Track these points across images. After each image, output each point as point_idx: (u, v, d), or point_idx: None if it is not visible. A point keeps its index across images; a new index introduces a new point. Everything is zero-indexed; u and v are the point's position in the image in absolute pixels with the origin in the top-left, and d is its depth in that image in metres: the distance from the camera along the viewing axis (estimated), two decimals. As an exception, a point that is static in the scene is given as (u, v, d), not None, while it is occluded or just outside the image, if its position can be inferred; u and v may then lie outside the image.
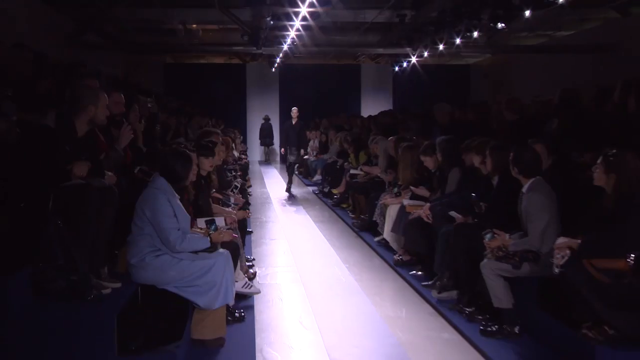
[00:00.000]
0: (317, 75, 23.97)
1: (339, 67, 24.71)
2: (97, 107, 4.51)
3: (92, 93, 4.51)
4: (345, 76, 24.41)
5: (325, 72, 24.15)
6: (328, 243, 8.52)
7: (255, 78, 24.36)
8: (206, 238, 4.51)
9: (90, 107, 4.47)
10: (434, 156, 6.74)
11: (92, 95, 4.50)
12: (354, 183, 10.11)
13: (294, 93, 23.53)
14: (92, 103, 4.48)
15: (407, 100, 21.64)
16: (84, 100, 4.46)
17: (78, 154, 4.30)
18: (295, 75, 23.85)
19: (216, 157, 6.07)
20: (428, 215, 6.20)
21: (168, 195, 4.33)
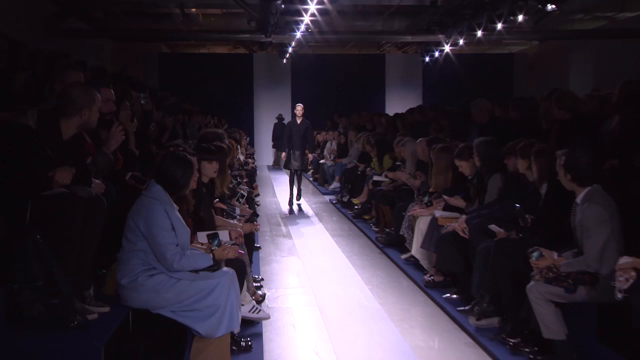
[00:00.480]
0: (335, 67, 24.06)
1: (360, 58, 24.78)
2: (91, 111, 4.53)
3: (88, 95, 4.52)
4: (368, 68, 24.45)
5: (344, 63, 24.23)
6: (348, 261, 8.50)
7: (264, 71, 24.48)
8: (208, 255, 4.51)
9: (84, 112, 4.49)
10: (471, 160, 6.71)
11: (88, 98, 4.51)
12: (378, 191, 10.08)
13: (309, 88, 23.63)
14: (87, 107, 4.50)
15: (439, 95, 21.60)
16: (79, 103, 4.47)
17: (62, 159, 4.32)
18: (309, 68, 23.95)
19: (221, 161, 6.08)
20: (464, 229, 6.16)
21: (165, 206, 4.34)
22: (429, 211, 7.33)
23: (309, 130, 13.39)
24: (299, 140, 13.22)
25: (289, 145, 13.34)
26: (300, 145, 13.24)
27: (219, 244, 4.69)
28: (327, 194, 15.48)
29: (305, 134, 13.28)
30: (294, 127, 13.34)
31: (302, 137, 13.24)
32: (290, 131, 13.34)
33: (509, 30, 14.11)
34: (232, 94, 23.63)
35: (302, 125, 13.31)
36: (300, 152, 13.29)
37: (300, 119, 13.35)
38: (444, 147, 7.45)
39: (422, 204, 7.64)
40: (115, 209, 4.67)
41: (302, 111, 13.34)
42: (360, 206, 11.58)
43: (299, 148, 13.25)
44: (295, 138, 13.23)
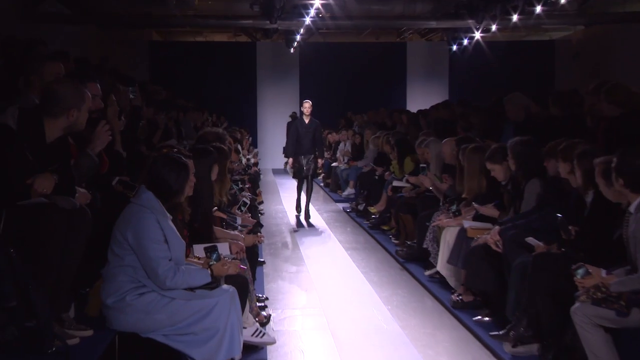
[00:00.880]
0: (349, 57, 24.08)
1: (377, 47, 24.81)
2: (80, 111, 4.53)
3: (77, 94, 4.53)
4: (387, 59, 24.49)
5: (359, 53, 24.27)
6: (364, 277, 8.48)
7: (269, 62, 24.55)
8: (206, 270, 4.52)
9: (72, 112, 4.50)
10: (505, 164, 6.68)
11: (77, 97, 4.52)
12: (398, 198, 10.07)
13: (319, 81, 23.70)
14: (76, 107, 4.50)
15: (468, 89, 21.61)
16: (66, 102, 4.47)
17: (43, 165, 4.31)
18: (320, 58, 24.00)
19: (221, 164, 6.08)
20: (497, 242, 6.13)
21: (157, 215, 4.34)
22: (457, 221, 7.30)
23: (318, 132, 12.96)
24: (308, 142, 12.80)
25: (296, 150, 12.91)
26: (309, 148, 12.82)
27: (217, 258, 4.69)
28: (340, 201, 15.47)
29: (314, 135, 12.85)
30: (301, 127, 12.88)
31: (311, 139, 12.82)
32: (297, 133, 12.87)
33: (549, 13, 14.07)
34: (232, 88, 23.70)
35: (311, 125, 12.86)
36: (310, 156, 12.86)
37: (308, 118, 12.89)
38: (477, 148, 7.42)
39: (448, 212, 7.61)
40: (100, 219, 4.67)
41: (311, 109, 12.91)
42: (378, 215, 11.56)
43: (308, 152, 12.82)
44: (304, 140, 12.79)
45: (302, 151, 12.79)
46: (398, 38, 24.88)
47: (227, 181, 6.67)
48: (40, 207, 4.21)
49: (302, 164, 12.79)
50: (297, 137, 12.84)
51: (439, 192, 8.65)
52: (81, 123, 4.60)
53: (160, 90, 13.76)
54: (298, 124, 13.02)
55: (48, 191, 4.26)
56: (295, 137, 12.90)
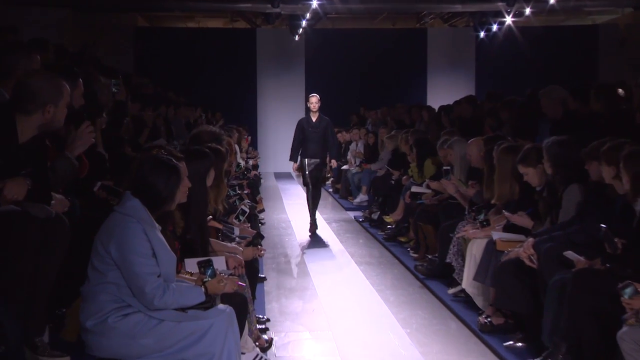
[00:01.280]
0: (361, 46, 24.10)
1: (394, 34, 24.82)
2: (57, 107, 4.53)
3: (53, 87, 4.53)
4: (404, 47, 24.49)
5: (373, 41, 24.28)
6: (379, 296, 8.47)
7: (270, 51, 24.59)
8: (199, 288, 4.51)
9: (48, 108, 4.50)
10: (540, 167, 6.66)
11: (53, 90, 4.52)
12: (417, 206, 10.05)
13: (328, 73, 23.71)
14: (52, 102, 4.51)
15: (498, 81, 21.59)
16: (41, 97, 4.48)
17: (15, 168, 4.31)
18: (329, 47, 24.01)
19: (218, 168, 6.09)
20: (531, 256, 6.11)
21: (144, 225, 4.33)
22: (485, 232, 7.28)
23: (329, 130, 12.65)
24: (316, 144, 12.53)
25: (301, 152, 12.67)
26: (317, 150, 12.53)
27: (212, 274, 4.68)
28: (351, 209, 15.47)
29: (324, 134, 12.56)
30: (307, 126, 12.63)
31: (319, 140, 12.53)
32: (303, 132, 12.64)
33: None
34: (229, 82, 23.72)
35: (319, 124, 12.59)
36: (319, 160, 12.55)
37: (316, 115, 12.63)
38: (509, 148, 7.39)
39: (475, 222, 7.60)
40: (80, 229, 4.67)
41: (319, 104, 12.63)
42: (395, 225, 11.55)
43: (316, 155, 12.54)
44: (311, 141, 12.55)
45: (307, 154, 12.56)
46: (417, 23, 24.87)
47: (223, 187, 6.67)
48: (11, 215, 4.21)
49: (304, 168, 12.63)
50: (303, 137, 12.61)
51: (464, 199, 8.64)
52: (59, 120, 4.60)
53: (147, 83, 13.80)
54: (304, 123, 12.74)
55: (20, 198, 4.26)
56: (300, 137, 12.66)
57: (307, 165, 12.57)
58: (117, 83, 7.85)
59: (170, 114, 12.34)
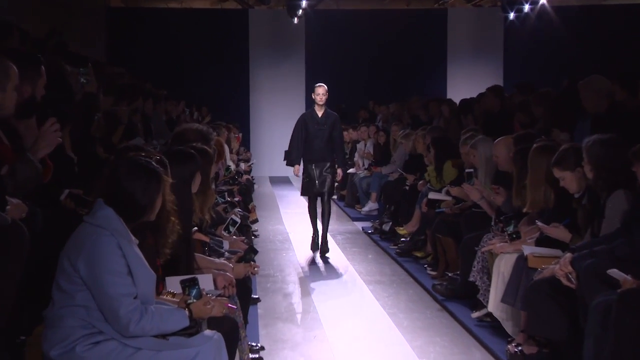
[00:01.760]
0: (370, 29, 24.12)
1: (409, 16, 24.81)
2: (5, 91, 4.53)
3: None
4: (421, 31, 24.50)
5: (385, 24, 24.27)
6: (391, 321, 8.46)
7: (265, 35, 24.61)
8: (183, 311, 4.51)
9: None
10: (579, 170, 6.64)
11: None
12: (436, 216, 10.05)
13: (332, 61, 23.71)
14: None
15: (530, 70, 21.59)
16: None
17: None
18: (333, 31, 24.01)
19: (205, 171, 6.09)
20: (569, 274, 6.09)
21: (119, 239, 4.33)
22: (515, 246, 7.26)
23: (336, 128, 12.28)
24: (322, 144, 12.12)
25: (304, 154, 12.27)
26: (323, 153, 12.12)
27: (198, 294, 4.68)
28: (358, 219, 15.48)
29: (331, 133, 12.17)
30: (312, 122, 12.19)
31: (326, 140, 12.13)
32: (306, 130, 12.20)
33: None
34: (218, 71, 23.74)
35: (326, 120, 12.18)
36: (326, 164, 12.12)
37: (322, 110, 12.22)
38: (544, 147, 7.37)
39: (503, 235, 7.58)
40: (43, 244, 4.66)
41: (326, 96, 12.20)
42: (409, 238, 11.54)
43: (321, 158, 12.11)
44: (316, 141, 12.12)
45: (312, 157, 12.15)
46: (436, 3, 24.88)
47: (211, 194, 6.65)
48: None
49: (312, 176, 12.15)
50: (306, 136, 12.17)
51: (491, 207, 8.62)
52: (7, 107, 4.60)
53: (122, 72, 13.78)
54: (307, 118, 12.29)
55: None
56: (302, 136, 12.20)
57: (315, 172, 12.13)
58: (86, 72, 7.83)
59: (149, 109, 12.33)
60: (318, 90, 12.24)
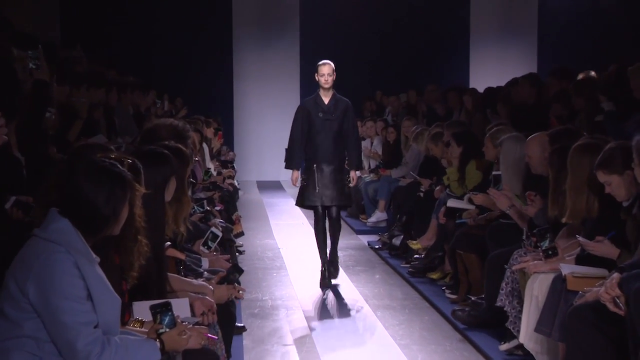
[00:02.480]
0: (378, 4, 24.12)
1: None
2: None
3: None
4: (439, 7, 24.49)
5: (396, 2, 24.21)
6: (402, 353, 8.48)
7: (252, 13, 24.63)
8: (153, 343, 4.51)
9: None
10: (628, 174, 6.64)
11: None
12: (456, 228, 10.06)
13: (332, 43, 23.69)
14: None
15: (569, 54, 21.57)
16: None
17: None
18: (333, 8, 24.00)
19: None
20: (617, 298, 6.10)
21: (76, 257, 4.32)
22: (551, 265, 7.26)
23: (348, 119, 11.59)
24: (330, 139, 11.36)
25: (306, 154, 11.60)
26: (332, 150, 11.36)
27: (171, 322, 4.67)
28: (364, 232, 15.52)
29: (341, 125, 11.49)
30: (316, 111, 11.42)
31: (335, 134, 11.39)
32: (309, 122, 11.46)
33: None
34: (195, 56, 23.75)
35: (335, 107, 11.44)
36: (334, 167, 11.34)
37: (328, 95, 11.49)
38: (587, 146, 7.36)
39: (537, 251, 7.59)
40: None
41: (332, 77, 11.45)
42: (425, 254, 11.56)
43: (328, 158, 11.34)
44: (321, 136, 11.40)
45: (316, 156, 11.40)
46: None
47: (186, 201, 6.64)
48: None
49: (313, 181, 11.34)
50: (309, 129, 11.49)
51: (522, 218, 8.62)
52: None
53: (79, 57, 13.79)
54: (310, 107, 11.53)
55: None
56: (304, 129, 11.53)
57: (317, 176, 11.31)
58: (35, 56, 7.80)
59: (113, 101, 12.35)
60: (322, 70, 11.48)
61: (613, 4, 21.30)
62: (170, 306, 4.74)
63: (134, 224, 4.68)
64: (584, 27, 22.55)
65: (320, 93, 11.50)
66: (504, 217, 9.09)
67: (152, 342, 4.50)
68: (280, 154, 22.70)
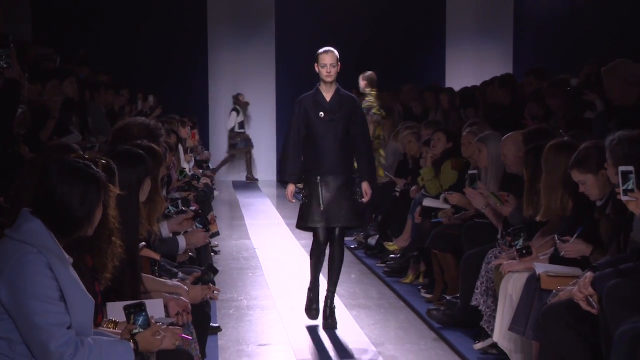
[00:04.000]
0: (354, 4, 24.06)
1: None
2: None
3: None
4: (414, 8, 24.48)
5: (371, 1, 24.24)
6: (377, 352, 8.50)
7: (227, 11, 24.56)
8: (127, 343, 4.50)
9: None
10: (602, 173, 6.66)
11: None
12: (431, 227, 10.10)
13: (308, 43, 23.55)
14: None
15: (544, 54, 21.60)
16: None
17: None
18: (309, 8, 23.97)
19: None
20: (590, 298, 6.13)
21: (49, 257, 4.32)
22: (525, 264, 7.30)
23: (356, 118, 9.67)
24: (334, 143, 9.43)
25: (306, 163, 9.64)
26: (337, 158, 9.42)
27: (145, 323, 4.66)
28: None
29: (348, 126, 9.53)
30: (315, 111, 9.49)
31: (341, 138, 9.47)
32: (308, 122, 9.53)
33: None
34: (170, 54, 23.67)
35: (339, 105, 9.55)
36: (343, 179, 9.43)
37: (331, 90, 9.58)
38: (563, 145, 7.40)
39: (511, 250, 7.61)
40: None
41: (336, 68, 9.62)
42: (400, 254, 11.59)
43: (333, 168, 9.40)
44: (324, 140, 9.43)
45: (317, 166, 9.45)
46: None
47: (160, 201, 6.64)
48: None
49: (317, 195, 9.37)
50: (308, 133, 9.56)
51: (498, 217, 8.65)
52: None
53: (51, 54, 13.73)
54: (309, 104, 9.54)
55: None
56: (302, 132, 9.58)
57: (321, 190, 9.38)
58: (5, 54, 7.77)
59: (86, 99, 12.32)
60: (324, 59, 9.61)
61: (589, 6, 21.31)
62: (144, 306, 4.74)
63: (108, 225, 4.67)
64: (560, 28, 22.54)
65: (321, 88, 9.58)
66: (479, 216, 9.12)
67: (126, 342, 4.50)
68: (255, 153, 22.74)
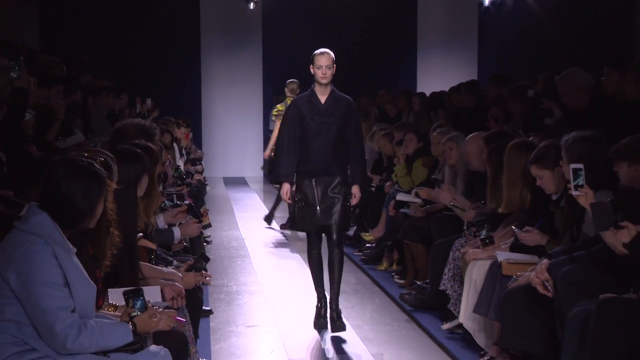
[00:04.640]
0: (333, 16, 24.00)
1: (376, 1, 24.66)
2: None
3: None
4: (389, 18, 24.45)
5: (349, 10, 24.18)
6: (355, 333, 8.48)
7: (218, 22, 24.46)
8: (126, 325, 4.50)
9: None
10: (558, 170, 6.68)
11: None
12: (404, 219, 10.12)
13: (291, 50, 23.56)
14: None
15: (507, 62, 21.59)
16: None
17: None
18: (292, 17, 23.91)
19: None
20: (546, 282, 6.14)
21: (54, 247, 4.31)
22: (488, 252, 7.32)
23: (351, 121, 8.83)
24: (328, 145, 8.63)
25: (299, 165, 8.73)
26: (330, 159, 8.63)
27: (143, 306, 4.65)
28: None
29: (342, 128, 8.71)
30: (309, 112, 8.75)
31: (334, 139, 8.65)
32: (302, 125, 8.71)
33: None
34: (166, 60, 23.57)
35: (334, 107, 8.80)
36: (333, 180, 8.61)
37: (326, 92, 8.90)
38: (522, 144, 7.44)
39: (475, 240, 7.64)
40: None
41: (332, 70, 9.02)
42: (376, 244, 11.59)
43: (326, 169, 8.63)
44: (317, 141, 8.63)
45: (311, 167, 8.66)
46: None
47: (156, 195, 6.63)
48: None
49: (311, 197, 8.59)
50: (303, 135, 8.70)
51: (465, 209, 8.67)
52: None
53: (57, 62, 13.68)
54: (303, 106, 8.79)
55: None
56: (297, 134, 8.71)
57: (316, 192, 8.60)
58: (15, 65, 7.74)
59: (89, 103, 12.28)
60: (319, 60, 8.96)
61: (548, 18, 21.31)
62: (141, 292, 4.73)
63: (106, 216, 4.66)
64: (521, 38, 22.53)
65: (316, 89, 8.89)
66: (447, 209, 9.12)
67: (125, 324, 4.50)
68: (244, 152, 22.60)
